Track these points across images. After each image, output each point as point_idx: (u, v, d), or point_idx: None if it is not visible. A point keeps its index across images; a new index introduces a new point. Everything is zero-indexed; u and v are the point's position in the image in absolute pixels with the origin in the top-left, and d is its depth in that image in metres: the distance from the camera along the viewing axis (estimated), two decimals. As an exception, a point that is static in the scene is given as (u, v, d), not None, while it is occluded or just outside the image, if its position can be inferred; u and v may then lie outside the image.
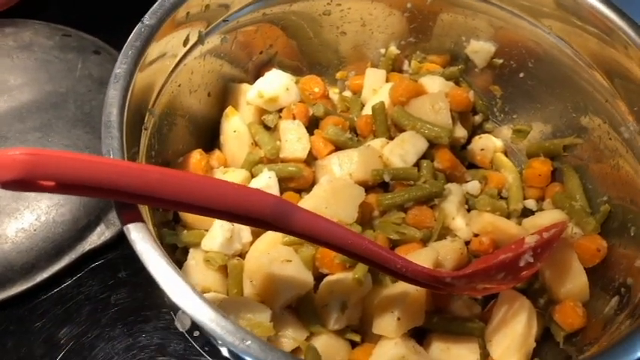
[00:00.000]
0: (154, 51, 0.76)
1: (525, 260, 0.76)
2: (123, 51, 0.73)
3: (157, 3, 0.77)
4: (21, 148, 0.53)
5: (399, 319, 0.76)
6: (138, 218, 0.61)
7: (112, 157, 0.64)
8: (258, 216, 0.63)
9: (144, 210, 0.68)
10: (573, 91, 0.91)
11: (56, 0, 1.32)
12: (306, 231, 0.65)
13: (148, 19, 0.76)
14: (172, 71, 0.84)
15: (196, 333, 0.92)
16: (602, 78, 0.86)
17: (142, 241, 0.59)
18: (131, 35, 0.74)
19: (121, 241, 1.00)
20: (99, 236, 0.99)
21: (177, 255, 0.84)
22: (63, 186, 0.56)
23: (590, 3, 0.82)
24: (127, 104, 0.69)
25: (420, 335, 0.83)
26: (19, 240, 0.95)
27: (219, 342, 0.57)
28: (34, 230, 0.95)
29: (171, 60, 0.83)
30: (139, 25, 0.75)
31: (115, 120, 0.67)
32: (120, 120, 0.67)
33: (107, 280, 0.98)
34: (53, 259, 0.96)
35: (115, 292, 0.97)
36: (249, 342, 0.55)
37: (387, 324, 0.76)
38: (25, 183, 0.54)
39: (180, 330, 0.93)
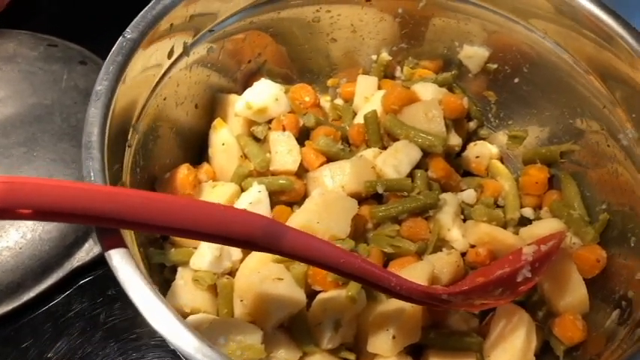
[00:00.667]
0: (136, 65, 0.74)
1: (523, 275, 0.74)
2: (104, 67, 0.70)
3: (139, 15, 0.75)
4: (-6, 176, 0.51)
5: (394, 337, 0.74)
6: (120, 243, 0.59)
7: (92, 179, 0.62)
8: (247, 238, 0.61)
9: (127, 230, 0.66)
10: (570, 96, 0.89)
11: (42, 9, 1.30)
12: (297, 252, 0.64)
13: (129, 32, 0.73)
14: (157, 84, 0.81)
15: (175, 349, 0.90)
16: (599, 84, 0.83)
17: (124, 268, 0.57)
18: (112, 50, 0.72)
19: None
20: (87, 253, 0.97)
21: (166, 274, 0.82)
22: (40, 213, 0.54)
23: (589, 9, 0.79)
24: (108, 122, 0.67)
25: (416, 351, 0.81)
26: (4, 259, 0.92)
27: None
28: (20, 248, 0.93)
29: (155, 73, 0.80)
30: (121, 39, 0.73)
31: (96, 140, 0.64)
32: (101, 140, 0.65)
33: (97, 298, 0.96)
34: (40, 277, 0.94)
35: (106, 309, 0.96)
36: (236, 373, 0.53)
37: (382, 342, 0.74)
38: (0, 212, 0.52)
39: (172, 348, 0.90)
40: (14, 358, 0.91)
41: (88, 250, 0.97)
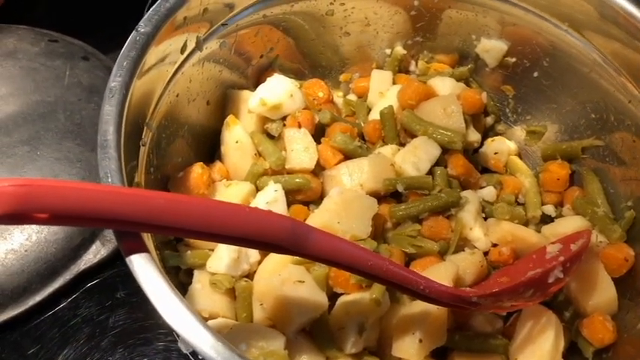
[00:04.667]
0: (150, 60, 0.71)
1: (555, 276, 0.71)
2: (117, 62, 0.67)
3: (152, 8, 0.72)
4: (10, 178, 0.48)
5: (420, 340, 0.71)
6: (141, 248, 0.56)
7: (110, 180, 0.59)
8: (274, 241, 0.58)
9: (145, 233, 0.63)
10: (593, 90, 0.87)
11: (42, 3, 1.26)
12: (324, 254, 0.61)
13: (143, 26, 0.70)
14: (170, 81, 0.78)
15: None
16: (627, 81, 0.81)
17: (148, 274, 0.54)
18: (125, 45, 0.69)
19: (117, 258, 0.95)
20: (94, 254, 0.94)
21: (181, 277, 0.79)
22: (57, 217, 0.51)
23: (619, 3, 0.76)
24: (123, 120, 0.64)
25: (439, 354, 0.78)
26: (9, 262, 0.89)
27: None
28: (25, 251, 0.90)
29: (168, 69, 0.77)
30: (134, 33, 0.69)
31: (112, 139, 0.61)
32: (117, 138, 0.62)
33: (105, 301, 0.94)
34: (46, 280, 0.91)
35: (114, 313, 0.93)
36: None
37: (408, 346, 0.72)
38: (16, 217, 0.49)
39: (184, 352, 0.88)
40: (21, 364, 0.88)
41: (95, 251, 0.94)
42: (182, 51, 0.78)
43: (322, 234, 0.62)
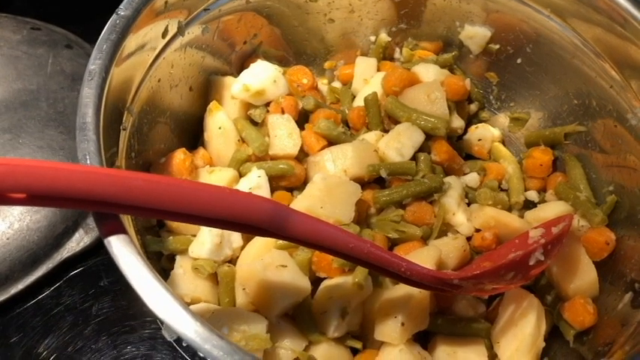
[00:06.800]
0: (130, 44, 0.71)
1: (536, 258, 0.72)
2: (97, 45, 0.67)
3: (132, -8, 0.71)
4: (-15, 158, 0.48)
5: (403, 324, 0.72)
6: (120, 229, 0.56)
7: (88, 162, 0.59)
8: (254, 223, 0.58)
9: (125, 216, 0.63)
10: (575, 76, 0.87)
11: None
12: (305, 237, 0.61)
13: (123, 9, 0.70)
14: (151, 65, 0.78)
15: (185, 342, 0.87)
16: (610, 68, 0.81)
17: (126, 255, 0.54)
18: (105, 27, 0.68)
19: (100, 246, 0.94)
20: (77, 243, 0.93)
21: (163, 263, 0.79)
22: (35, 197, 0.51)
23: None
24: (103, 103, 0.64)
25: (422, 338, 0.79)
26: (-9, 250, 0.88)
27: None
28: (7, 239, 0.90)
29: (149, 53, 0.77)
30: (114, 16, 0.69)
31: (91, 121, 0.61)
32: (96, 121, 0.61)
33: (88, 289, 0.93)
34: (29, 269, 0.90)
35: (97, 301, 0.93)
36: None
37: (390, 330, 0.72)
38: (-8, 197, 0.48)
39: (168, 339, 0.87)
40: (2, 353, 0.88)
41: (79, 239, 0.93)
42: (163, 35, 0.78)
43: (303, 216, 0.61)
